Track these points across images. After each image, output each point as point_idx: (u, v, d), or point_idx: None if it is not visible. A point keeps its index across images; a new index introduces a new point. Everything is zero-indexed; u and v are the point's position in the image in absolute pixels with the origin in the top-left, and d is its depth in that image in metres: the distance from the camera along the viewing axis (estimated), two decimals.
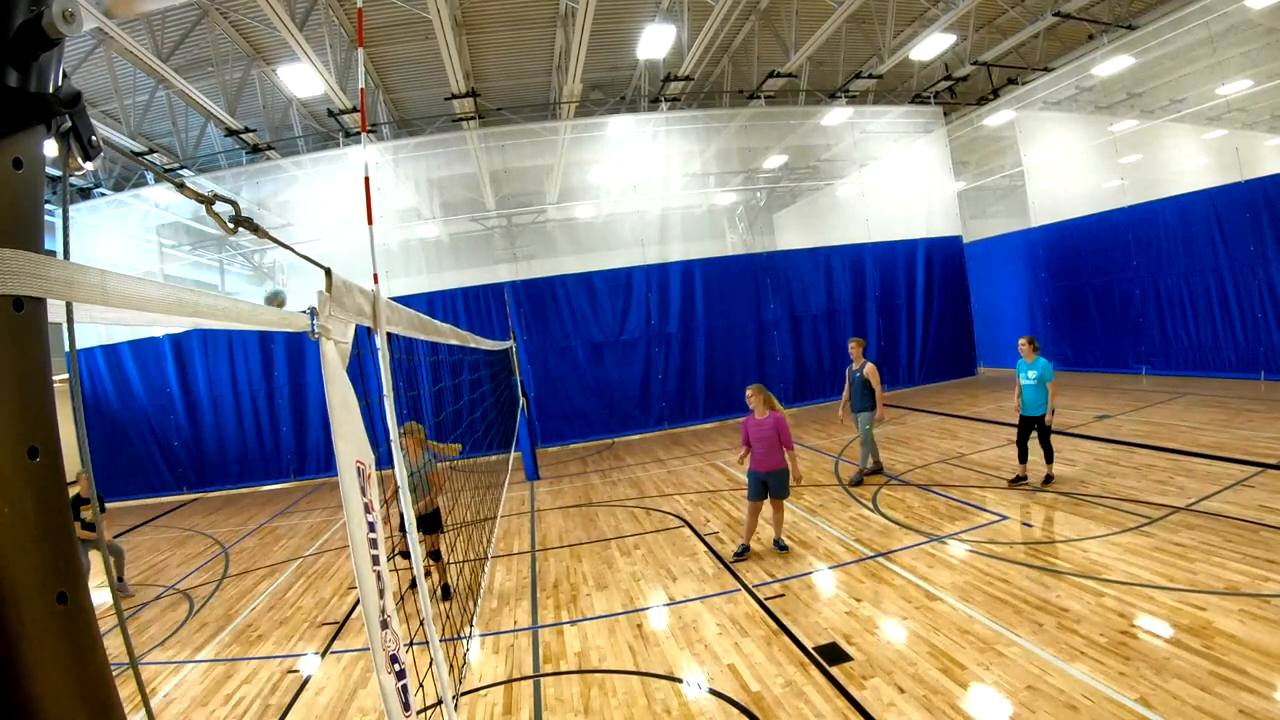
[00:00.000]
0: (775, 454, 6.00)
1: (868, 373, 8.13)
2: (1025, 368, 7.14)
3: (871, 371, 8.12)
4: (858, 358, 8.34)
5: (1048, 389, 6.96)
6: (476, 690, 4.46)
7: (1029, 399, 7.11)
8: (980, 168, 19.08)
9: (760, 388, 6.23)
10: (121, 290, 0.95)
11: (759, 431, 6.03)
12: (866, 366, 8.18)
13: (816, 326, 15.46)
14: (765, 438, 5.99)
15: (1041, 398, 7.00)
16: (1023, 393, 7.17)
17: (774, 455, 6.01)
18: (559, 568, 6.71)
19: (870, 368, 8.16)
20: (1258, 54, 12.44)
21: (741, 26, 14.16)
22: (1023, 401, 7.17)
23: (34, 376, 0.79)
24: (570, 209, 17.42)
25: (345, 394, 1.79)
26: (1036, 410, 7.05)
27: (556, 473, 11.66)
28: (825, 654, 4.34)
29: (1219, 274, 11.74)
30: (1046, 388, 6.96)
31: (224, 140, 14.20)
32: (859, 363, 8.29)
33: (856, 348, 8.41)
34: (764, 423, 6.02)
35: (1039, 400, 7.02)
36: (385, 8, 11.24)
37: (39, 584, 0.76)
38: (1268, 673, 3.47)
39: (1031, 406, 7.09)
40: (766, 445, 5.99)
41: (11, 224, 0.78)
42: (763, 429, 6.00)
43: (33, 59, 0.80)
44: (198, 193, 1.38)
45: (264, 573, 7.83)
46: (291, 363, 14.05)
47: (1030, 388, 7.10)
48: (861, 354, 8.36)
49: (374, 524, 1.76)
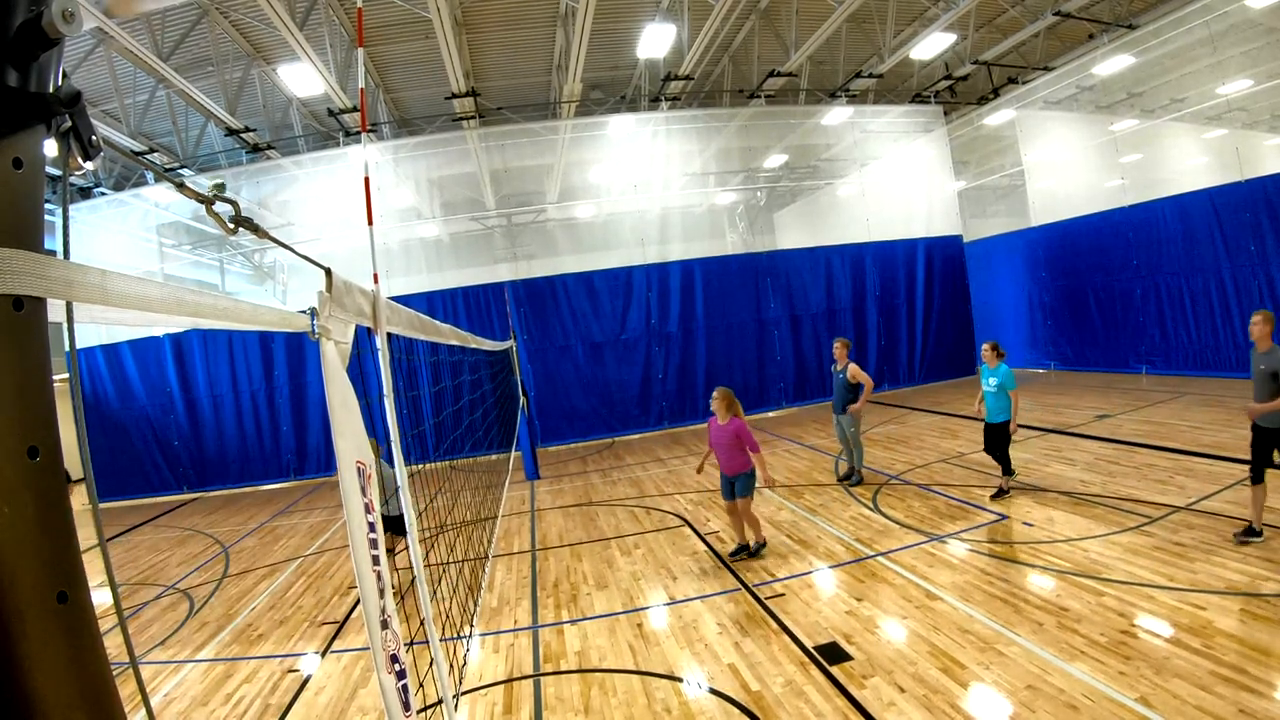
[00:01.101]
0: (738, 457, 6.13)
1: (852, 373, 8.11)
2: (988, 374, 7.05)
3: (856, 371, 8.10)
4: (841, 358, 8.29)
5: (1009, 397, 6.88)
6: (476, 690, 4.46)
7: (991, 406, 7.03)
8: (980, 167, 19.07)
9: (725, 393, 6.28)
10: (121, 290, 0.95)
11: (719, 437, 6.18)
12: (851, 368, 8.16)
13: (817, 326, 15.46)
14: (726, 444, 6.13)
15: (1003, 404, 6.92)
16: (985, 399, 7.09)
17: (737, 458, 6.13)
18: (559, 567, 6.71)
19: (854, 368, 8.14)
20: (1258, 54, 12.43)
21: (741, 26, 14.15)
22: (986, 409, 7.09)
23: (34, 376, 0.79)
24: (570, 208, 17.41)
25: (345, 394, 1.79)
26: (999, 417, 6.97)
27: (556, 472, 11.66)
28: (825, 653, 4.34)
29: (1219, 274, 11.73)
30: (1008, 395, 6.88)
31: (224, 140, 14.20)
32: (842, 363, 8.25)
33: (841, 348, 8.34)
34: (725, 429, 6.13)
35: (1001, 407, 6.94)
36: (385, 7, 11.24)
37: (39, 583, 0.76)
38: (1268, 673, 3.47)
39: (994, 413, 7.01)
40: (728, 451, 6.13)
41: (11, 224, 0.78)
42: (724, 435, 6.14)
43: (33, 59, 0.80)
44: (198, 192, 1.37)
45: (264, 572, 7.83)
46: (291, 363, 14.05)
47: (991, 395, 7.02)
48: (845, 355, 8.29)
49: (374, 524, 1.76)
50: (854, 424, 8.19)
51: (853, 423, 8.17)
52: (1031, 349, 16.33)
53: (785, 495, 8.26)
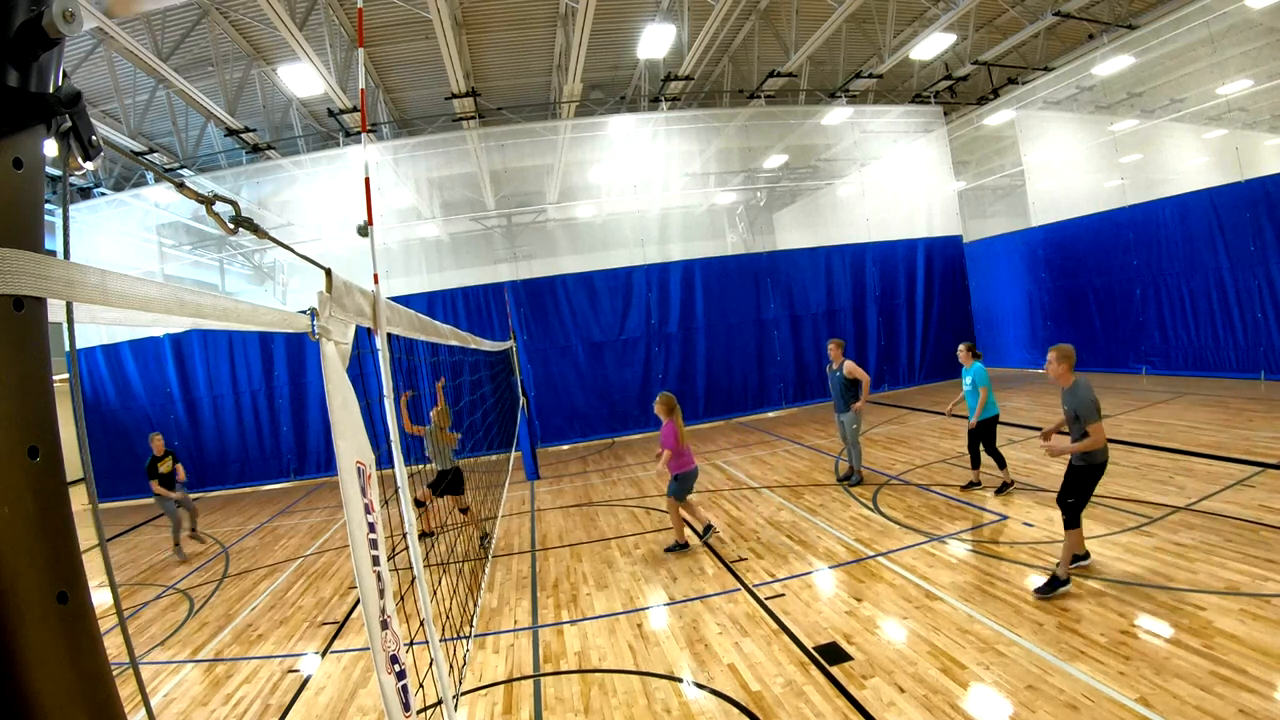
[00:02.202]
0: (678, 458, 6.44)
1: (849, 370, 8.14)
2: (964, 374, 7.29)
3: (852, 367, 8.14)
4: (837, 358, 8.31)
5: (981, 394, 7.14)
6: (476, 690, 4.46)
7: (971, 405, 7.24)
8: (980, 167, 19.08)
9: (663, 398, 6.56)
10: (121, 290, 0.95)
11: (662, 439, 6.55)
12: (846, 365, 8.18)
13: (817, 326, 15.46)
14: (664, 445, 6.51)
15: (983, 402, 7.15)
16: (966, 399, 7.36)
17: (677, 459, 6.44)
18: (559, 567, 6.71)
19: (850, 365, 8.17)
20: (1258, 54, 12.44)
21: (741, 26, 14.15)
22: (968, 408, 7.31)
23: (34, 376, 0.79)
24: (570, 209, 17.41)
25: (345, 394, 1.79)
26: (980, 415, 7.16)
27: (557, 472, 11.66)
28: (825, 654, 4.34)
29: (1219, 274, 11.73)
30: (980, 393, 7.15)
31: (224, 140, 14.20)
32: (838, 362, 8.28)
33: (836, 348, 8.37)
34: (663, 430, 6.48)
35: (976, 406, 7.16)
36: (385, 8, 11.24)
37: (39, 583, 0.76)
38: (1268, 673, 3.47)
39: (974, 412, 7.20)
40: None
41: (11, 224, 0.78)
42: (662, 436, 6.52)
43: (33, 59, 0.80)
44: (198, 193, 1.37)
45: (264, 572, 7.83)
46: (291, 363, 14.05)
47: (970, 394, 7.25)
48: (840, 354, 8.32)
49: (374, 524, 1.76)
50: (855, 422, 8.20)
51: (854, 420, 8.19)
52: (1031, 349, 16.33)
53: (785, 496, 8.26)
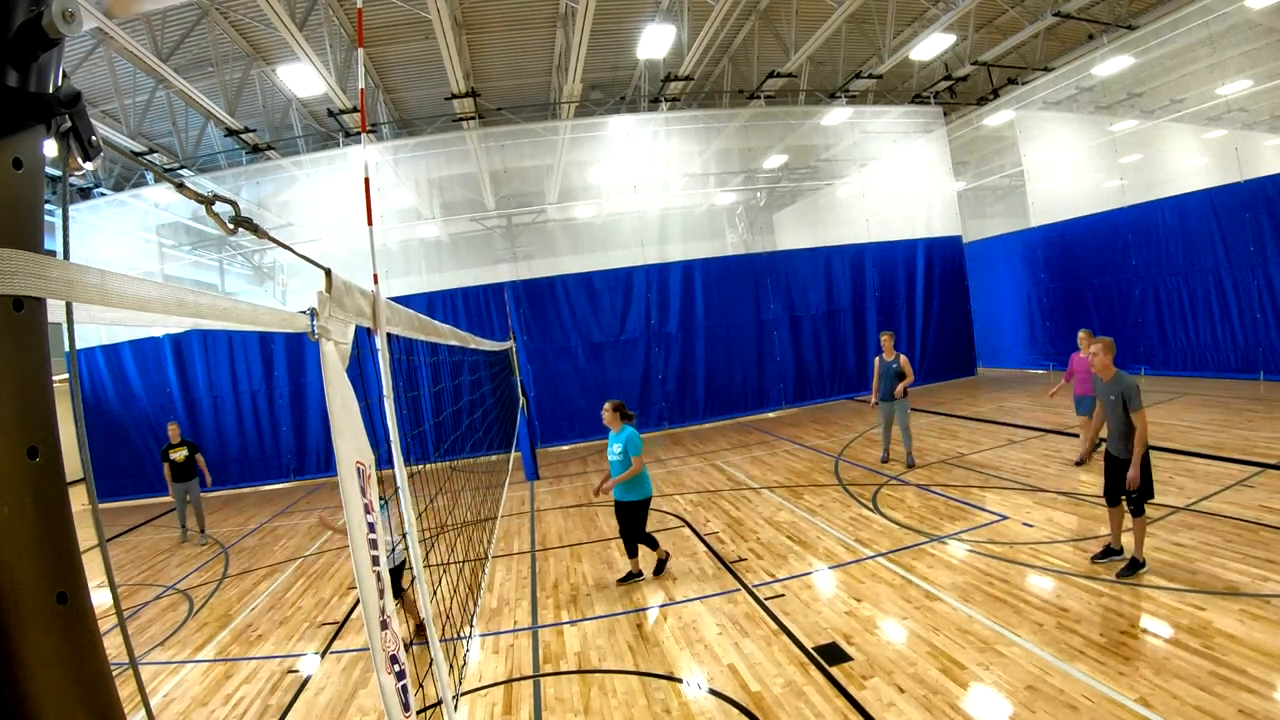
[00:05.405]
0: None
1: (904, 363, 8.66)
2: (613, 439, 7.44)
3: (907, 362, 8.71)
4: (889, 350, 8.79)
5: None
6: (476, 690, 4.46)
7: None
8: (980, 168, 19.07)
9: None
10: (121, 290, 0.95)
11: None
12: (901, 358, 8.69)
13: (816, 326, 15.47)
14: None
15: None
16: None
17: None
18: (559, 568, 6.71)
19: (905, 358, 8.71)
20: (1258, 54, 12.43)
21: (741, 26, 14.15)
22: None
23: (34, 376, 0.79)
24: (570, 209, 17.40)
25: (345, 395, 1.79)
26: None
27: (556, 472, 11.66)
28: (825, 654, 4.34)
29: (1219, 274, 11.74)
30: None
31: (224, 140, 14.19)
32: (891, 355, 8.74)
33: (889, 340, 8.90)
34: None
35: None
36: (385, 8, 11.24)
37: (39, 584, 0.76)
38: (1268, 673, 3.47)
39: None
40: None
41: (11, 224, 0.78)
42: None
43: (33, 59, 0.80)
44: (197, 193, 1.37)
45: (264, 573, 7.83)
46: (291, 363, 14.04)
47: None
48: (893, 346, 8.84)
49: (374, 524, 1.76)
50: (906, 411, 8.73)
51: (906, 409, 8.72)
52: (1030, 349, 16.34)
53: (785, 496, 8.26)
